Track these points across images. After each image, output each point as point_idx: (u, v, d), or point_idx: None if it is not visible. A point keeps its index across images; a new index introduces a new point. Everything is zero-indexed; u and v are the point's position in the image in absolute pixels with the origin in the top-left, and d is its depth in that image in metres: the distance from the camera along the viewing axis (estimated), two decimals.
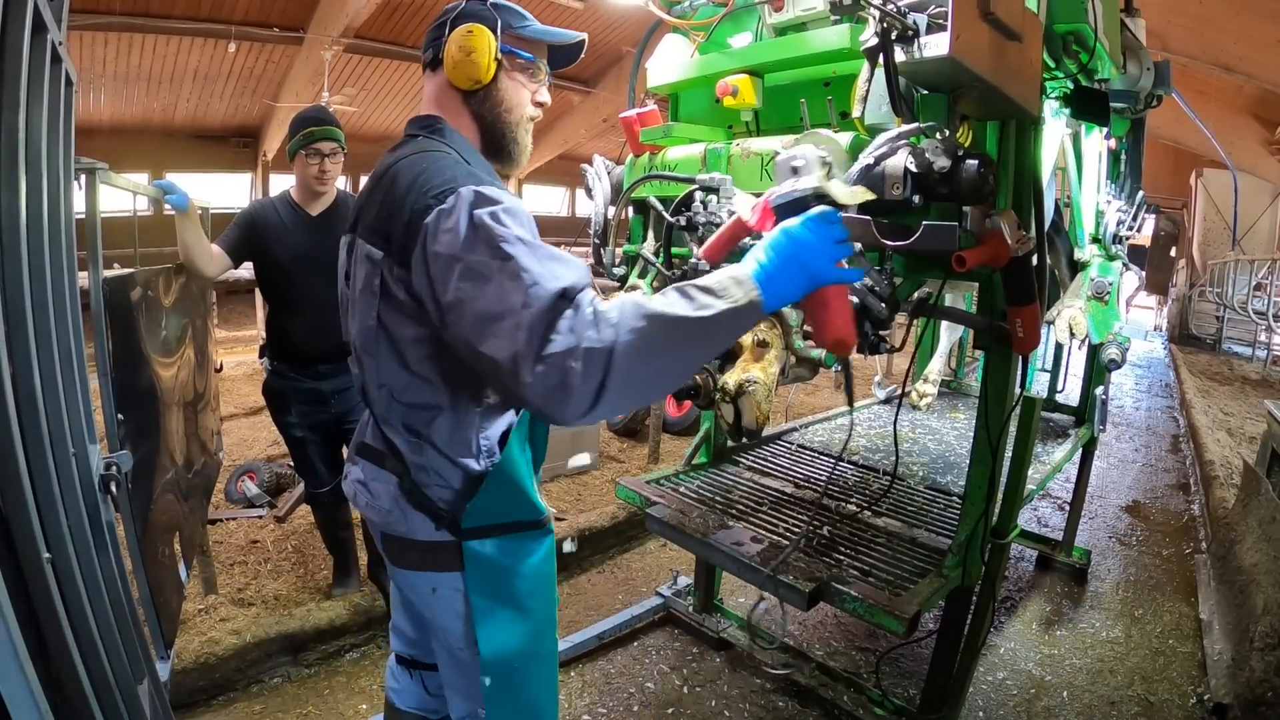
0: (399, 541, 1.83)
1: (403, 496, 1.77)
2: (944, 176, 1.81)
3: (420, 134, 1.81)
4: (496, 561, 1.78)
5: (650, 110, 2.78)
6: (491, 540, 1.77)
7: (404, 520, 1.78)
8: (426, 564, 1.81)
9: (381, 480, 1.81)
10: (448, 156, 1.67)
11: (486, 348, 1.41)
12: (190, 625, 3.49)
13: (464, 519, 1.74)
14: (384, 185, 1.67)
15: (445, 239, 1.48)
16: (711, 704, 3.41)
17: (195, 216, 3.15)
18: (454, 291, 1.46)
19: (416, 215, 1.53)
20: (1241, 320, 13.78)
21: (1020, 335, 2.21)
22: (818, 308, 1.62)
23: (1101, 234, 3.52)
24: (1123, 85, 3.20)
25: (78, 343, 1.72)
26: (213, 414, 4.15)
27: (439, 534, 1.76)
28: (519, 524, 1.81)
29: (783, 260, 1.54)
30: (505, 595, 1.80)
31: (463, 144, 1.80)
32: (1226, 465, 6.20)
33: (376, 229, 1.64)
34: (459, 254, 1.46)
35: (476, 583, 1.76)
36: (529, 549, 1.84)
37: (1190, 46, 9.72)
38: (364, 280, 1.68)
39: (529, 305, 1.38)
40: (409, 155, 1.69)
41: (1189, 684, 3.67)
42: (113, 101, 13.66)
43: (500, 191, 1.56)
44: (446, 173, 1.58)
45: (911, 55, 1.76)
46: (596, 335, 1.36)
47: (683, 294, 1.45)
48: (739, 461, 3.71)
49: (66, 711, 1.34)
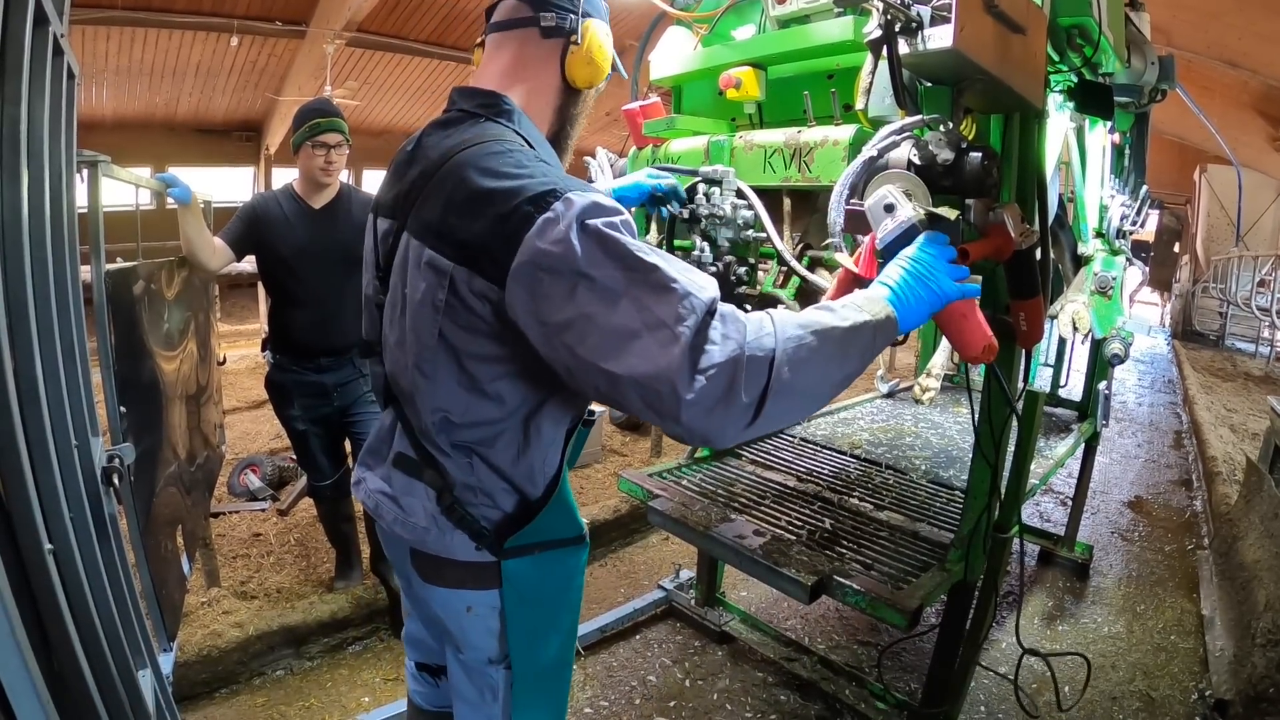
0: (434, 560, 1.69)
1: (442, 514, 1.63)
2: (947, 169, 1.80)
3: (482, 114, 1.60)
4: (535, 579, 1.69)
5: (653, 103, 2.78)
6: (530, 558, 1.66)
7: (441, 538, 1.64)
8: (464, 582, 1.68)
9: (417, 495, 1.66)
10: (525, 152, 1.47)
11: (624, 367, 1.25)
12: (193, 618, 3.49)
13: (511, 539, 1.63)
14: (449, 179, 1.45)
15: (557, 252, 1.28)
16: (713, 697, 3.42)
17: (198, 210, 3.15)
18: (573, 309, 1.28)
19: (514, 225, 1.32)
20: (1245, 316, 13.75)
21: (1024, 329, 2.20)
22: (956, 322, 1.68)
23: (1105, 228, 3.52)
24: (1127, 79, 3.19)
25: (80, 336, 1.72)
26: (215, 407, 4.15)
27: (479, 554, 1.64)
28: (560, 540, 1.72)
29: (911, 281, 1.56)
30: (541, 611, 1.73)
31: (535, 135, 1.64)
32: (1229, 461, 6.19)
33: (445, 234, 1.42)
34: (581, 269, 1.28)
35: (513, 600, 1.67)
36: (567, 564, 1.76)
37: (1195, 41, 9.68)
38: (424, 292, 1.46)
39: (683, 319, 1.25)
40: (475, 145, 1.47)
41: (1190, 680, 3.67)
42: (115, 96, 13.63)
43: (613, 200, 1.38)
44: (539, 173, 1.38)
45: (915, 47, 1.75)
46: (757, 343, 1.26)
47: (823, 309, 1.42)
48: (741, 455, 3.71)
49: (68, 702, 1.34)
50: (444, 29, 14.31)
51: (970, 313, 1.69)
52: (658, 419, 1.29)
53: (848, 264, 1.87)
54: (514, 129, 1.58)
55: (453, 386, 1.51)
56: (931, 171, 1.81)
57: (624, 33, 14.95)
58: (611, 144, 2.96)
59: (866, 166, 1.89)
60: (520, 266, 1.31)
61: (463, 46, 14.56)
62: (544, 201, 1.31)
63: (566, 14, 1.63)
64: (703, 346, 1.24)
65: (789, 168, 2.28)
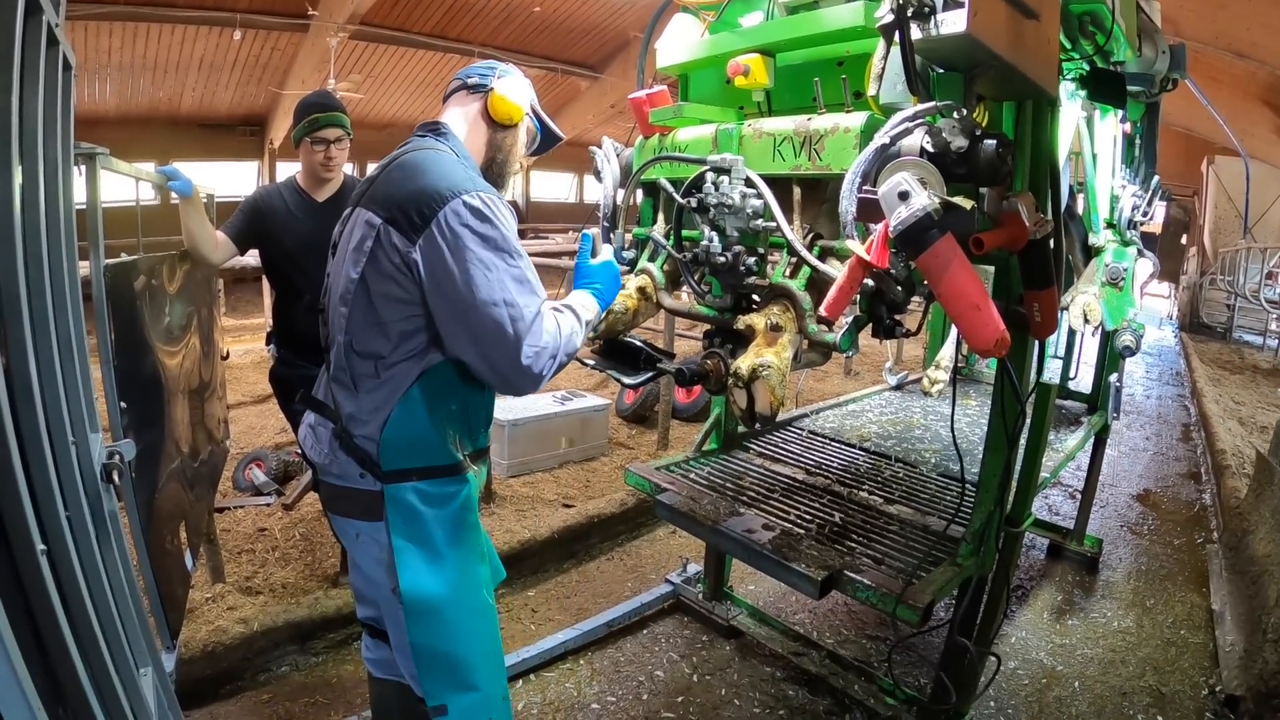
0: (332, 488, 2.05)
1: (336, 441, 2.00)
2: (961, 156, 1.77)
3: (428, 135, 2.11)
4: (414, 506, 1.97)
5: (660, 91, 2.74)
6: (410, 485, 1.96)
7: (336, 463, 2.00)
8: (352, 511, 2.03)
9: (325, 427, 2.06)
10: (451, 157, 2.00)
11: (474, 329, 1.85)
12: (198, 614, 3.47)
13: (381, 458, 1.94)
14: (395, 167, 1.98)
15: (455, 230, 1.82)
16: (721, 692, 3.39)
17: (199, 203, 3.13)
18: (456, 272, 1.82)
19: (433, 201, 1.83)
20: (1253, 309, 13.73)
21: (1038, 320, 2.17)
22: (968, 314, 1.70)
23: (1116, 219, 3.48)
24: (1138, 68, 3.16)
25: (78, 331, 1.70)
26: (219, 402, 4.13)
27: (364, 481, 1.96)
28: (434, 469, 2.00)
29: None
30: (422, 538, 1.98)
31: (462, 151, 2.12)
32: (1238, 454, 6.16)
33: (380, 200, 1.91)
34: (467, 246, 1.82)
35: (396, 525, 1.96)
36: (446, 495, 2.02)
37: (1203, 32, 9.63)
38: (357, 241, 1.93)
39: (528, 307, 1.88)
40: (419, 149, 2.01)
41: (1201, 675, 3.64)
42: (119, 91, 13.63)
43: (499, 204, 1.92)
44: (458, 175, 1.90)
45: (928, 32, 1.72)
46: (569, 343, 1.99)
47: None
48: (749, 448, 3.68)
49: (64, 705, 1.31)
50: (448, 21, 14.31)
51: (983, 304, 1.66)
52: (488, 367, 1.90)
53: (860, 252, 1.84)
54: (447, 144, 2.09)
55: (359, 318, 1.93)
56: (945, 159, 1.78)
57: (628, 24, 15.01)
58: (617, 137, 2.93)
59: (879, 154, 1.87)
60: (427, 234, 1.82)
61: (466, 39, 14.57)
62: (456, 191, 1.84)
63: (486, 75, 2.19)
64: (531, 328, 1.86)
65: (799, 156, 2.24)
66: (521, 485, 5.47)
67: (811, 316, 2.13)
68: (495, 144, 2.19)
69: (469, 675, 2.05)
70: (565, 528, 4.60)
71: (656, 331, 6.90)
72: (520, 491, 5.35)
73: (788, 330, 2.14)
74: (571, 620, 3.84)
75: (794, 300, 2.19)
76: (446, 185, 1.85)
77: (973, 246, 1.87)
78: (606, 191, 2.79)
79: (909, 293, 1.96)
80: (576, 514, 4.74)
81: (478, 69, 2.22)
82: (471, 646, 2.07)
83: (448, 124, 2.15)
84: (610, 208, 2.81)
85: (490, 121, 2.17)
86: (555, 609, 4.08)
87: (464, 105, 2.19)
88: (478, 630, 2.10)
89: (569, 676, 3.46)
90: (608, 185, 2.79)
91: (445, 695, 2.03)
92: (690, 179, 2.36)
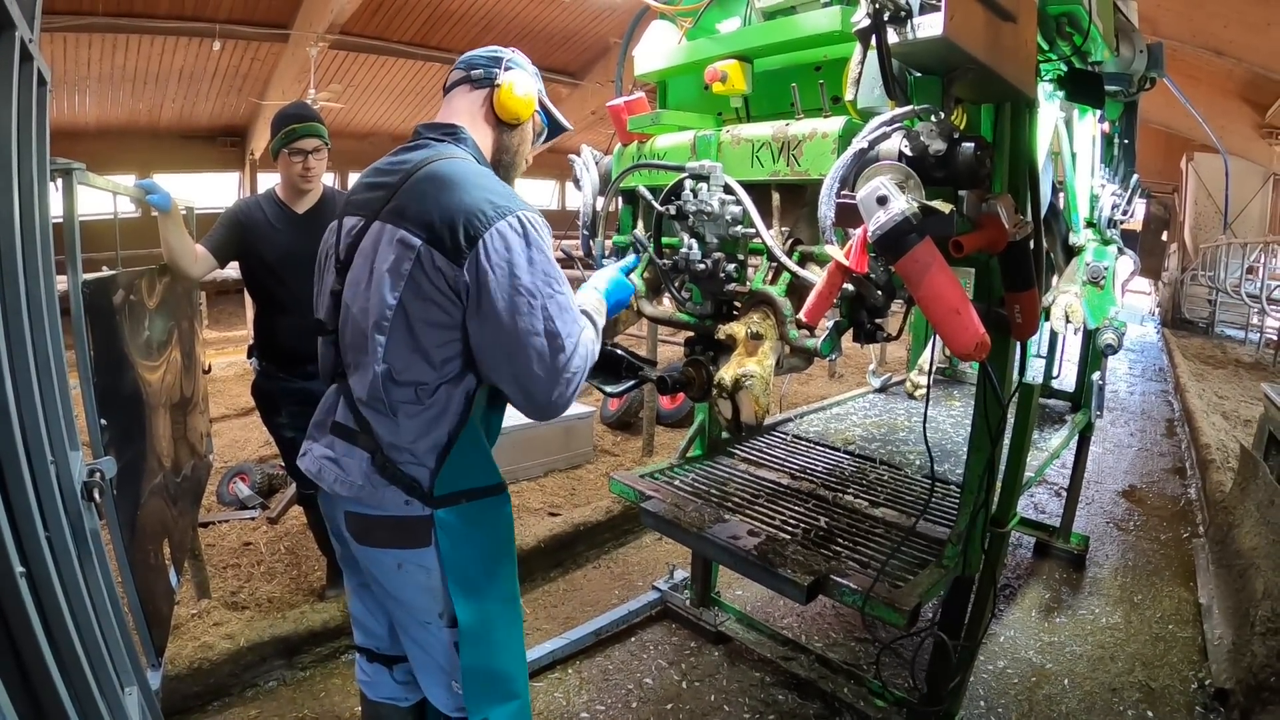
0: (365, 519, 1.94)
1: (375, 472, 1.88)
2: (940, 160, 1.77)
3: (445, 140, 2.00)
4: (464, 529, 1.92)
5: (638, 98, 2.74)
6: (458, 508, 1.90)
7: (375, 494, 1.89)
8: (394, 541, 1.93)
9: (355, 457, 1.92)
10: (481, 168, 1.93)
11: (521, 350, 1.78)
12: (183, 630, 3.45)
13: (436, 486, 1.87)
14: (425, 181, 1.84)
15: (501, 253, 1.74)
16: (711, 698, 3.39)
17: (178, 216, 3.11)
18: (501, 300, 1.74)
19: (477, 224, 1.74)
20: (1234, 304, 13.81)
21: (1019, 321, 2.18)
22: (949, 319, 1.71)
23: (1096, 218, 3.50)
24: (1116, 68, 3.18)
25: (56, 348, 1.68)
26: (202, 416, 4.10)
27: (409, 508, 1.88)
28: (481, 489, 1.95)
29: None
30: (474, 560, 1.95)
31: (479, 156, 2.03)
32: (1222, 449, 6.19)
33: (417, 219, 1.78)
34: (516, 273, 1.75)
35: (447, 551, 1.90)
36: (493, 514, 1.99)
37: (1180, 30, 9.71)
38: (392, 263, 1.79)
39: (571, 335, 1.84)
40: (443, 159, 1.89)
41: (1190, 669, 3.65)
42: (99, 103, 13.54)
43: (543, 224, 1.85)
44: (499, 190, 1.83)
45: (904, 36, 1.73)
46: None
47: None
48: (734, 454, 3.67)
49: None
50: (427, 30, 14.28)
51: (963, 308, 1.67)
52: (524, 398, 1.87)
53: (838, 257, 1.84)
54: (468, 151, 1.99)
55: (400, 345, 1.82)
56: (923, 163, 1.79)
57: (609, 30, 15.00)
58: (598, 143, 2.92)
59: (857, 159, 1.87)
60: (473, 255, 1.73)
61: (447, 48, 14.53)
62: (502, 211, 1.76)
63: (490, 68, 2.06)
64: (570, 359, 1.82)
65: (777, 161, 2.24)
66: None
67: (792, 322, 2.13)
68: (501, 144, 2.10)
69: (511, 685, 2.06)
70: (551, 536, 4.58)
71: (639, 338, 6.89)
72: None
73: (769, 338, 2.14)
74: (559, 629, 3.83)
75: (774, 306, 2.18)
76: (489, 203, 1.76)
77: (952, 250, 1.88)
78: (586, 199, 2.79)
79: (889, 297, 1.97)
80: (562, 522, 4.73)
81: (481, 58, 2.08)
82: (514, 655, 2.09)
83: (462, 126, 2.04)
84: (590, 215, 2.81)
85: (496, 120, 2.07)
86: (543, 618, 4.06)
87: (467, 101, 2.07)
88: (518, 638, 2.11)
89: (557, 686, 3.45)
90: (587, 193, 2.79)
91: (488, 709, 2.01)
92: (669, 186, 2.35)
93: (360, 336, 1.88)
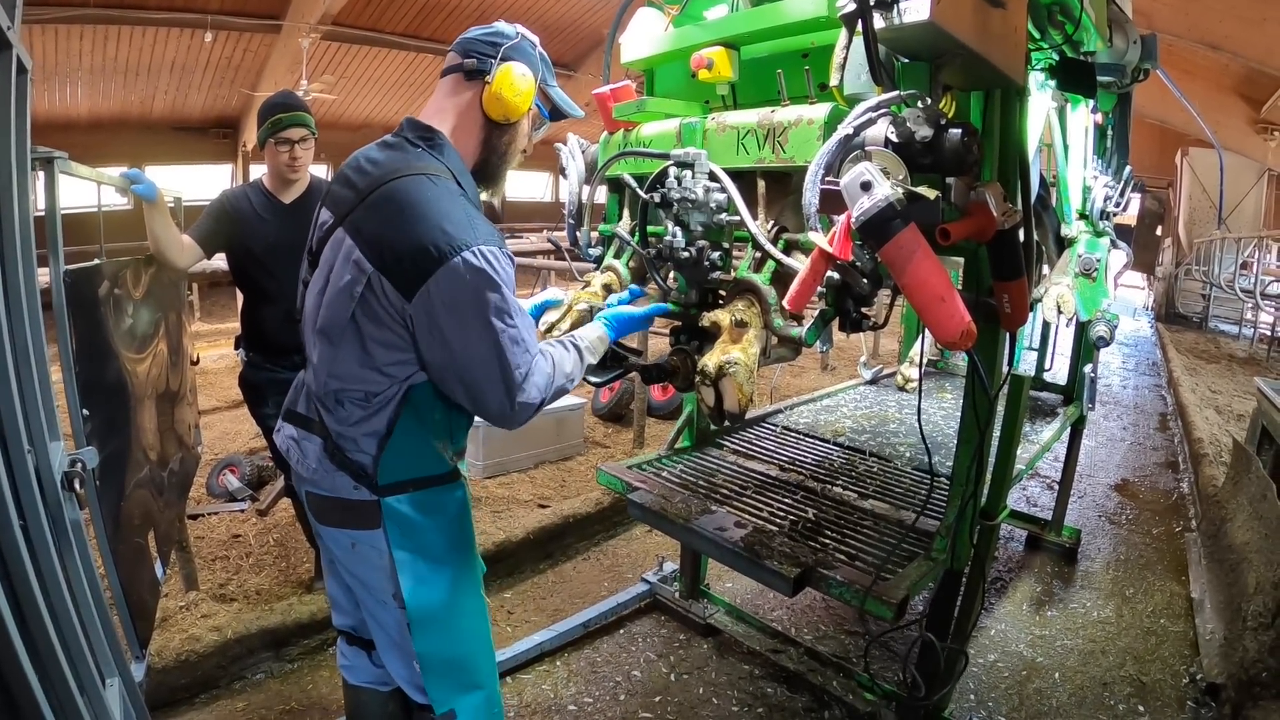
0: (323, 500, 1.98)
1: (327, 457, 1.93)
2: (926, 146, 1.75)
3: (420, 145, 1.91)
4: (411, 517, 1.94)
5: (624, 85, 2.72)
6: (406, 496, 1.93)
7: (329, 478, 1.93)
8: (347, 521, 1.96)
9: (311, 442, 1.97)
10: (450, 189, 1.83)
11: (472, 387, 1.81)
12: (171, 622, 3.43)
13: (379, 474, 1.90)
14: (386, 200, 1.79)
15: (452, 291, 1.72)
16: (699, 691, 3.38)
17: (164, 207, 3.08)
18: (451, 335, 1.75)
19: (428, 259, 1.70)
20: (1228, 298, 13.81)
21: (1008, 311, 2.16)
22: (933, 306, 1.69)
23: (1089, 210, 3.49)
24: (1109, 58, 3.16)
25: (36, 339, 1.67)
26: (190, 408, 4.08)
27: (358, 492, 1.91)
28: (429, 479, 1.98)
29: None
30: (422, 548, 1.96)
31: (458, 165, 1.93)
32: (1215, 443, 6.19)
33: (373, 242, 1.77)
34: (464, 310, 1.73)
35: (396, 537, 1.92)
36: (442, 502, 2.01)
37: (1176, 24, 9.69)
38: (346, 283, 1.79)
39: (520, 367, 1.81)
40: (410, 174, 1.81)
41: (1181, 664, 3.65)
42: (90, 95, 13.49)
43: (504, 259, 1.80)
44: (459, 219, 1.74)
45: (891, 21, 1.71)
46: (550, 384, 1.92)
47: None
48: (723, 445, 3.66)
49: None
50: (420, 21, 14.25)
51: (948, 296, 1.65)
52: (479, 411, 1.90)
53: (822, 244, 1.82)
54: (444, 162, 1.89)
55: (351, 360, 1.84)
56: (910, 149, 1.77)
57: (602, 22, 14.98)
58: (592, 135, 2.90)
59: (842, 145, 1.85)
60: (423, 292, 1.71)
61: (439, 39, 14.51)
62: (455, 248, 1.70)
63: (486, 59, 1.92)
64: (522, 385, 1.81)
65: (763, 149, 2.23)
66: (497, 486, 5.44)
67: (777, 311, 2.11)
68: (490, 145, 1.99)
69: (474, 675, 2.08)
70: (541, 528, 4.57)
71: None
72: (496, 493, 5.31)
73: (753, 326, 2.12)
74: (548, 621, 3.81)
75: (759, 295, 2.17)
76: (444, 237, 1.70)
77: (939, 237, 1.86)
78: (572, 188, 2.78)
79: (875, 285, 1.95)
80: (552, 514, 4.72)
81: (479, 43, 1.94)
82: (474, 647, 2.10)
83: (442, 131, 1.94)
84: (576, 204, 2.79)
85: (485, 120, 1.95)
86: (532, 610, 4.05)
87: (457, 95, 1.96)
88: (478, 630, 2.13)
89: (546, 678, 3.43)
90: (573, 182, 2.78)
91: (453, 699, 2.03)
92: (654, 174, 2.33)
93: (310, 335, 1.95)
